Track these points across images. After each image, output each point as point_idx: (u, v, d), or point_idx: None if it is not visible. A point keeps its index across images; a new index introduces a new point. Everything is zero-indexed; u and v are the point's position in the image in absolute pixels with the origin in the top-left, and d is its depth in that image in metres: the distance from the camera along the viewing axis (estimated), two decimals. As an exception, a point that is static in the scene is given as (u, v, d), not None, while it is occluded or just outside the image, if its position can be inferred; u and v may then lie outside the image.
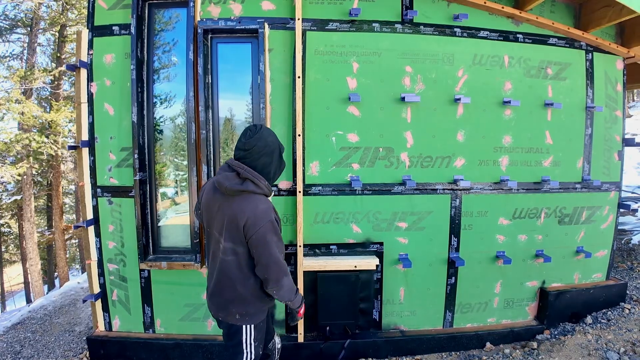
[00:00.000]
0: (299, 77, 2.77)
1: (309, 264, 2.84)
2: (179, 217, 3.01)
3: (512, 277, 3.22)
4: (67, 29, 10.29)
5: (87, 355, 3.11)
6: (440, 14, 2.94)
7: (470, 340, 3.12)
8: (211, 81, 2.86)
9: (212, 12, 2.81)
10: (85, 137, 2.89)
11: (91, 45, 2.85)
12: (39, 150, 9.14)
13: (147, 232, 2.88)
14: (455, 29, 2.97)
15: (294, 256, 2.91)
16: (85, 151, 2.90)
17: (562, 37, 3.17)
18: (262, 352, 2.09)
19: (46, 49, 11.57)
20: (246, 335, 1.86)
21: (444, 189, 3.04)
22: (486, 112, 3.04)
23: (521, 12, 2.97)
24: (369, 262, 2.87)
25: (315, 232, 2.95)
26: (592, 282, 3.47)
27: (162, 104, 2.95)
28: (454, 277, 3.12)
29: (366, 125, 2.91)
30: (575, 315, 3.33)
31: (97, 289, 2.98)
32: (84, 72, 2.85)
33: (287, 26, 2.82)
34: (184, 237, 2.97)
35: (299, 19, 2.76)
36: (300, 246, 2.85)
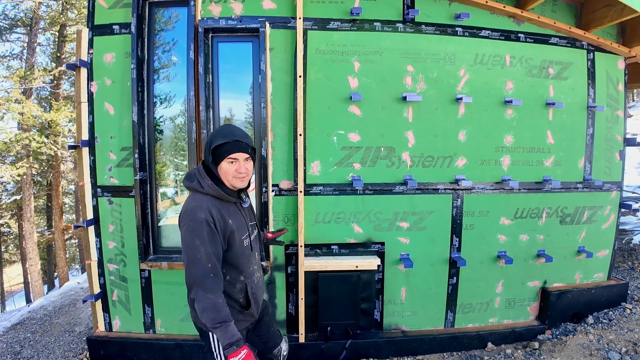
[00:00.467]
0: (300, 77, 2.76)
1: (310, 264, 2.83)
2: (180, 217, 3.00)
3: (514, 277, 3.21)
4: (67, 28, 10.28)
5: (87, 355, 3.11)
6: (441, 13, 2.94)
7: (471, 340, 3.11)
8: (212, 80, 2.85)
9: (213, 11, 2.80)
10: (85, 136, 2.89)
11: (91, 44, 2.84)
12: (39, 150, 9.12)
13: (148, 232, 2.88)
14: (456, 28, 2.96)
15: (295, 256, 2.91)
16: (85, 151, 2.89)
17: (563, 37, 3.16)
18: (265, 357, 2.05)
19: (46, 49, 11.56)
20: (214, 343, 1.69)
21: (445, 189, 3.03)
22: (488, 112, 3.04)
23: (522, 12, 2.96)
24: (370, 262, 2.87)
25: (316, 232, 2.94)
26: (593, 282, 3.46)
27: (162, 103, 2.94)
28: (455, 277, 3.11)
29: (367, 124, 2.91)
30: (576, 315, 3.33)
31: (97, 289, 2.97)
32: (84, 72, 2.84)
33: (288, 25, 2.81)
34: (184, 237, 2.96)
35: (300, 18, 2.75)
36: (301, 246, 2.84)
